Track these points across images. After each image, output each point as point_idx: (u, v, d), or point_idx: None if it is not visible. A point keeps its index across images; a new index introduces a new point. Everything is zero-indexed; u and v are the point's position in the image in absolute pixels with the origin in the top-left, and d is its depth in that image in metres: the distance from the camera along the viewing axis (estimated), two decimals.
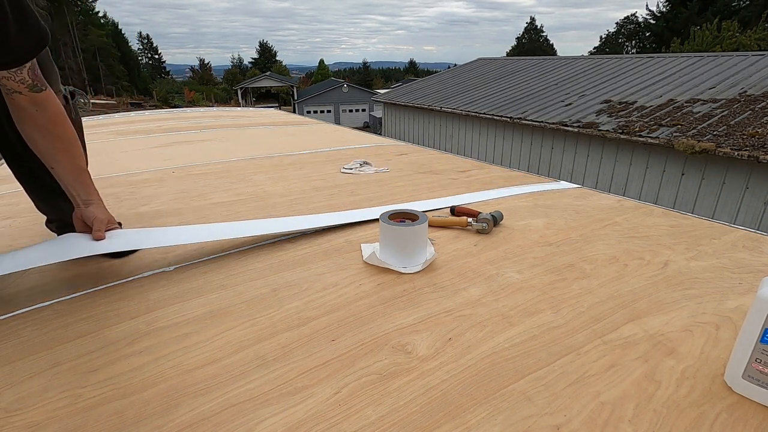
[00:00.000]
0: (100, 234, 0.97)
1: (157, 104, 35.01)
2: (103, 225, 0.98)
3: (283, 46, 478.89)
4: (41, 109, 0.89)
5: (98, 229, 0.97)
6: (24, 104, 0.87)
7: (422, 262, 1.03)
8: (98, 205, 1.01)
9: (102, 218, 0.99)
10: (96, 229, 0.97)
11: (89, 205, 0.99)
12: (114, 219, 1.05)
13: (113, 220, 1.04)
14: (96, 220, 0.98)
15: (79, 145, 0.99)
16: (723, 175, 5.61)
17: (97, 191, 1.02)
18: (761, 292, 0.59)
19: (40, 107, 0.89)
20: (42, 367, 0.70)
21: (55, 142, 0.93)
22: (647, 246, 1.17)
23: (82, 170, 0.99)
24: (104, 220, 0.99)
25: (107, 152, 2.48)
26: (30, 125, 0.90)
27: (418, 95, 11.79)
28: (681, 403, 0.63)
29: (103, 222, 0.99)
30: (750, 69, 7.39)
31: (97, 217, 0.98)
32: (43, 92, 0.88)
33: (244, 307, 0.88)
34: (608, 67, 9.56)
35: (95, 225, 0.97)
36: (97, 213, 0.99)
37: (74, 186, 0.97)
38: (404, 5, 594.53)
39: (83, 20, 42.18)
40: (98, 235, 0.97)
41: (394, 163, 2.20)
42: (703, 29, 19.75)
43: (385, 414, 0.61)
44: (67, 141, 0.95)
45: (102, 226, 0.98)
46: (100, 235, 0.97)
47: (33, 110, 0.88)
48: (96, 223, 0.97)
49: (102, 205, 1.02)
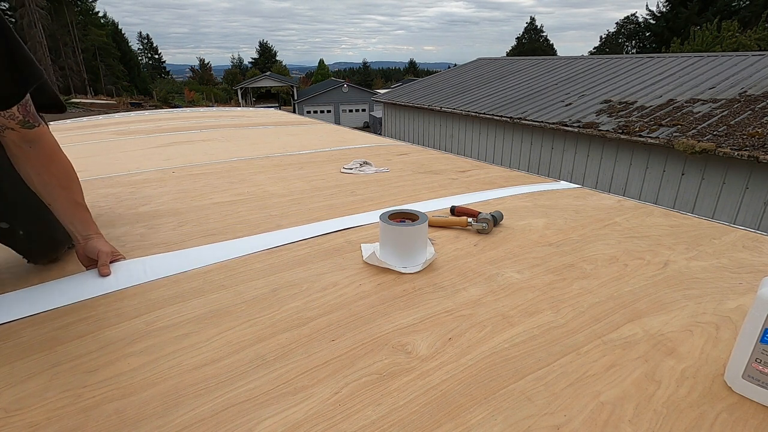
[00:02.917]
0: (105, 270, 0.99)
1: (157, 104, 35.01)
2: (108, 258, 1.00)
3: (283, 46, 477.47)
4: (34, 145, 0.88)
5: (104, 264, 0.99)
6: (16, 140, 0.86)
7: (422, 262, 1.03)
8: (98, 239, 1.02)
9: (106, 251, 1.00)
10: (101, 263, 0.98)
11: (89, 240, 0.99)
12: (117, 251, 1.07)
13: (116, 252, 1.06)
14: (101, 253, 0.99)
15: (76, 180, 0.98)
16: (723, 175, 5.61)
17: (95, 225, 1.03)
18: (761, 292, 0.59)
19: (33, 144, 0.88)
20: (42, 367, 0.70)
21: (51, 178, 0.92)
22: (647, 246, 1.17)
23: (79, 206, 0.99)
24: (108, 253, 1.01)
25: (107, 152, 2.48)
26: (24, 162, 0.89)
27: (418, 95, 11.79)
28: (681, 403, 0.63)
29: (108, 255, 1.00)
30: (750, 69, 7.39)
31: (101, 250, 0.99)
32: (36, 128, 0.87)
33: (244, 307, 0.88)
34: (608, 67, 9.56)
35: (101, 259, 0.98)
36: (100, 246, 1.00)
37: (73, 222, 0.98)
38: (404, 5, 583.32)
39: (83, 20, 42.17)
40: (104, 270, 0.98)
41: (394, 163, 2.20)
42: (703, 29, 19.75)
43: (385, 414, 0.60)
44: (64, 177, 0.95)
45: (107, 259, 1.00)
46: (105, 271, 0.98)
47: (26, 147, 0.87)
48: (101, 257, 0.98)
49: (102, 238, 1.03)
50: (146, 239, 1.22)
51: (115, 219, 1.38)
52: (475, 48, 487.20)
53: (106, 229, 1.29)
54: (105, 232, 1.26)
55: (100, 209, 1.46)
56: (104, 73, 44.40)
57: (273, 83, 43.14)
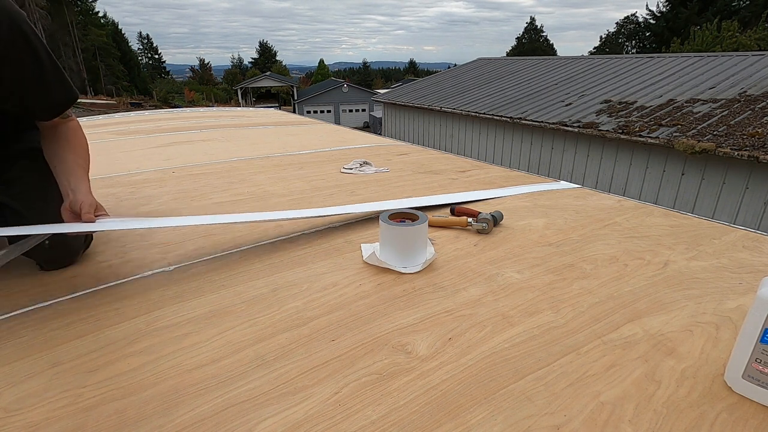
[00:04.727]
0: (89, 216, 0.96)
1: (157, 104, 35.01)
2: (91, 208, 0.98)
3: (283, 46, 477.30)
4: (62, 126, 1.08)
5: (87, 212, 0.96)
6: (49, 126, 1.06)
7: (422, 262, 1.03)
8: (86, 194, 1.00)
9: (90, 202, 0.98)
10: (85, 211, 0.96)
11: (77, 193, 0.98)
12: (102, 206, 1.04)
13: (101, 207, 1.03)
14: (83, 203, 0.97)
15: (87, 152, 1.11)
16: (723, 175, 5.61)
17: (88, 184, 1.03)
18: (761, 292, 0.59)
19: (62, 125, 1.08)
20: (42, 367, 0.70)
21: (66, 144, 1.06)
22: (647, 246, 1.17)
23: (80, 167, 1.04)
24: (93, 204, 0.98)
25: (107, 152, 2.48)
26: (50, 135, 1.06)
27: (418, 95, 11.79)
28: (681, 403, 0.63)
29: (92, 205, 0.98)
30: (750, 69, 7.40)
31: (84, 201, 0.97)
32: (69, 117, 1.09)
33: (244, 307, 0.88)
34: (608, 67, 9.56)
35: (84, 208, 0.96)
36: (84, 199, 0.98)
37: (69, 178, 0.99)
38: (404, 5, 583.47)
39: (83, 20, 42.18)
40: (88, 216, 0.96)
41: (394, 163, 2.20)
42: (703, 29, 19.75)
43: (385, 414, 0.61)
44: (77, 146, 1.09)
45: (91, 209, 0.97)
46: (89, 217, 0.96)
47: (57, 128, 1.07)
48: (84, 206, 0.96)
49: (90, 194, 1.01)
50: (146, 239, 1.22)
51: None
52: (475, 48, 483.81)
53: None
54: (105, 232, 1.26)
55: None
56: (104, 73, 44.40)
57: (273, 83, 43.15)
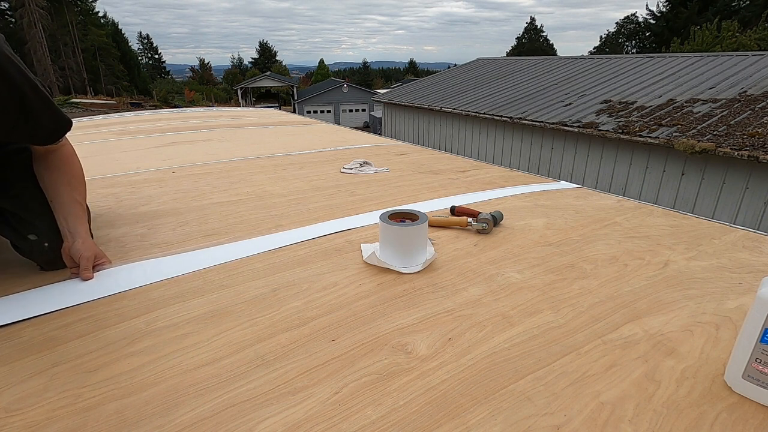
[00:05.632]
0: (87, 274, 0.97)
1: (157, 104, 35.00)
2: (89, 263, 0.98)
3: (283, 46, 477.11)
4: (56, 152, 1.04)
5: (85, 269, 0.97)
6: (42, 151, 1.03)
7: (422, 262, 1.03)
8: (85, 242, 1.00)
9: (88, 256, 0.97)
10: (83, 268, 0.97)
11: (75, 241, 0.98)
12: (102, 253, 1.04)
13: (101, 255, 1.03)
14: (82, 258, 0.97)
15: (82, 183, 1.08)
16: (723, 175, 5.61)
17: (87, 226, 1.03)
18: (761, 292, 0.59)
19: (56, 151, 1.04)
20: (42, 367, 0.70)
21: (61, 176, 1.03)
22: (647, 246, 1.17)
23: (77, 203, 1.03)
24: (90, 258, 0.98)
25: (107, 152, 2.48)
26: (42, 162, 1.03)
27: (418, 95, 11.79)
28: (681, 403, 0.63)
29: (89, 260, 0.98)
30: (750, 69, 7.40)
31: (83, 255, 0.97)
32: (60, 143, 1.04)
33: (244, 307, 0.88)
34: (608, 67, 9.56)
35: (81, 264, 0.97)
36: (83, 251, 0.97)
37: (66, 218, 0.99)
38: (404, 5, 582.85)
39: (83, 20, 42.19)
40: (86, 275, 0.97)
41: (394, 163, 2.20)
42: (703, 29, 19.75)
43: (385, 414, 0.60)
44: (72, 177, 1.05)
45: (89, 264, 0.97)
46: (87, 276, 0.97)
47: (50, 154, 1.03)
48: (82, 262, 0.96)
49: (89, 242, 1.01)
50: (146, 239, 1.22)
51: (115, 219, 1.38)
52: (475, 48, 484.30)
53: (106, 229, 1.29)
54: (105, 233, 1.26)
55: (100, 209, 1.46)
56: (104, 73, 44.41)
57: (273, 83, 43.13)
